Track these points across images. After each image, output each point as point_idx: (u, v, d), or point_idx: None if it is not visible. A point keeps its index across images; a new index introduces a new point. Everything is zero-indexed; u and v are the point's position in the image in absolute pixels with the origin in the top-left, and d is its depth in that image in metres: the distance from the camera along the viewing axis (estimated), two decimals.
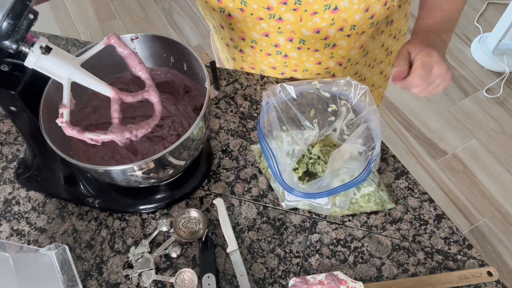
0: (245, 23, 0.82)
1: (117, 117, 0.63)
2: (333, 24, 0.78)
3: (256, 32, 0.83)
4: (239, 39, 0.88)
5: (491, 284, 0.69)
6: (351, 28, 0.80)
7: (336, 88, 0.74)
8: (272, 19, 0.79)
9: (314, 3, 0.74)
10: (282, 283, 0.70)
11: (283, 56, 0.88)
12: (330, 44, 0.84)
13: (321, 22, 0.78)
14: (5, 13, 0.50)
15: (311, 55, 0.87)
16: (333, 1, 0.74)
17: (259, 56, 0.91)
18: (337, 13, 0.76)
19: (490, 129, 1.99)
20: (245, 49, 0.90)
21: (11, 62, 0.62)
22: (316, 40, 0.82)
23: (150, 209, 0.78)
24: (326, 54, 0.87)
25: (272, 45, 0.86)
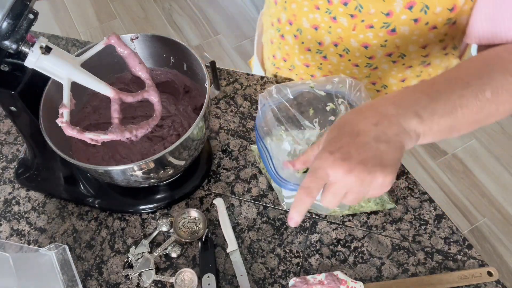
0: (301, 6, 0.77)
1: (117, 117, 0.63)
2: (384, 46, 0.74)
3: (307, 21, 0.78)
4: (286, 22, 0.83)
5: (491, 284, 0.69)
6: (400, 55, 0.76)
7: (331, 86, 0.73)
8: (327, 14, 0.74)
9: (374, 16, 0.70)
10: (282, 283, 0.70)
11: (322, 57, 0.84)
12: (372, 65, 0.81)
13: (373, 39, 0.74)
14: (5, 13, 0.50)
15: (349, 67, 0.83)
16: (393, 22, 0.69)
17: (297, 48, 0.86)
18: (393, 36, 0.72)
19: (490, 129, 1.99)
20: (286, 36, 0.85)
21: (11, 62, 0.62)
22: (361, 55, 0.79)
23: (150, 209, 0.78)
24: (364, 73, 0.84)
25: (316, 41, 0.81)
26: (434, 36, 0.72)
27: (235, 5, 2.54)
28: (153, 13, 2.51)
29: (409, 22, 0.69)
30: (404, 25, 0.70)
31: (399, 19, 0.69)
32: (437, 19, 0.69)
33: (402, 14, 0.69)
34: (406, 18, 0.69)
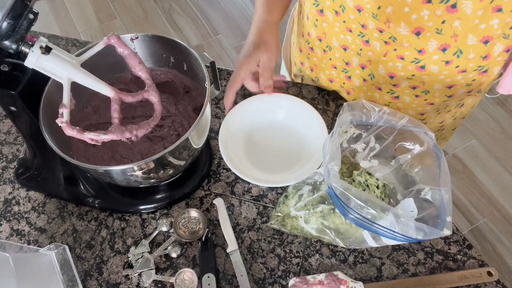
0: (332, 26, 0.78)
1: (117, 117, 0.63)
2: (410, 79, 0.75)
3: (337, 40, 0.79)
4: (316, 37, 0.84)
5: (491, 284, 0.69)
6: (424, 91, 0.77)
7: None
8: (359, 37, 0.74)
9: (406, 49, 0.70)
10: (282, 283, 0.70)
11: (346, 77, 0.85)
12: (394, 93, 0.81)
13: (401, 70, 0.74)
14: (5, 13, 0.50)
15: (371, 90, 0.84)
16: (424, 59, 0.70)
17: (324, 63, 0.87)
18: (421, 73, 0.72)
19: (490, 129, 1.99)
20: (316, 49, 0.86)
21: (11, 62, 0.62)
22: (385, 82, 0.79)
23: (150, 209, 0.78)
24: (385, 99, 0.84)
25: (344, 60, 0.82)
26: (462, 79, 0.72)
27: (235, 5, 2.54)
28: (153, 13, 2.51)
29: (440, 63, 0.70)
30: (435, 64, 0.70)
31: (431, 58, 0.70)
32: (469, 64, 0.69)
33: (435, 54, 0.69)
34: (438, 59, 0.69)
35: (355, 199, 0.59)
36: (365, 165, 0.71)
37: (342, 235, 0.69)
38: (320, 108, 0.89)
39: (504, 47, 0.67)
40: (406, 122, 0.66)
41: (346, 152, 0.74)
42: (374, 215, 0.59)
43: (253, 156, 0.82)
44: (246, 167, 0.78)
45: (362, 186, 0.69)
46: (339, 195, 0.60)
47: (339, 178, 0.61)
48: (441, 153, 0.65)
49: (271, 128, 0.85)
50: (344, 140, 0.72)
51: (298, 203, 0.71)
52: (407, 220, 0.58)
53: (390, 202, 0.70)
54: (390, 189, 0.70)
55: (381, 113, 0.67)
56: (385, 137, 0.70)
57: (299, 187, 0.73)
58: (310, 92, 0.92)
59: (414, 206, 0.64)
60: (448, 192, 0.62)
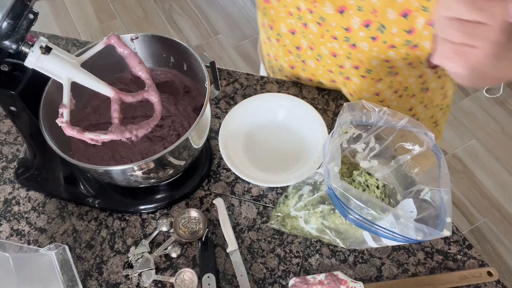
0: (278, 12, 0.79)
1: (117, 117, 0.63)
2: (349, 59, 0.76)
3: (285, 25, 0.81)
4: (268, 26, 0.85)
5: (491, 284, 0.69)
6: (366, 70, 0.77)
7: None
8: (299, 20, 0.77)
9: (336, 29, 0.71)
10: (282, 283, 0.70)
11: (301, 61, 0.87)
12: (344, 74, 0.82)
13: (338, 49, 0.76)
14: (5, 13, 0.50)
15: (326, 72, 0.85)
16: (353, 37, 0.71)
17: (281, 51, 0.88)
18: (355, 50, 0.73)
19: (490, 129, 1.99)
20: (271, 38, 0.88)
21: (11, 62, 0.62)
22: (332, 63, 0.80)
23: (150, 209, 0.78)
24: (340, 81, 0.85)
25: (294, 45, 0.84)
26: (395, 54, 0.73)
27: (235, 5, 2.54)
28: (153, 13, 2.51)
29: (367, 39, 0.71)
30: (363, 41, 0.71)
31: (358, 35, 0.71)
32: (395, 39, 0.69)
33: (360, 31, 0.70)
34: (364, 35, 0.70)
35: (355, 200, 0.59)
36: (365, 165, 0.71)
37: (342, 235, 0.69)
38: (320, 108, 0.89)
39: (425, 20, 0.66)
40: (406, 122, 0.66)
41: (346, 152, 0.74)
42: (374, 216, 0.59)
43: (253, 156, 0.82)
44: (246, 167, 0.78)
45: (362, 186, 0.69)
46: (339, 196, 0.60)
47: (339, 178, 0.61)
48: (441, 154, 0.65)
49: (271, 128, 0.85)
50: (344, 141, 0.72)
51: (298, 203, 0.71)
52: (406, 221, 0.58)
53: (390, 202, 0.70)
54: (390, 189, 0.70)
55: (381, 113, 0.67)
56: (385, 138, 0.70)
57: (299, 187, 0.73)
58: (310, 92, 0.92)
59: (414, 206, 0.64)
60: (447, 193, 0.62)
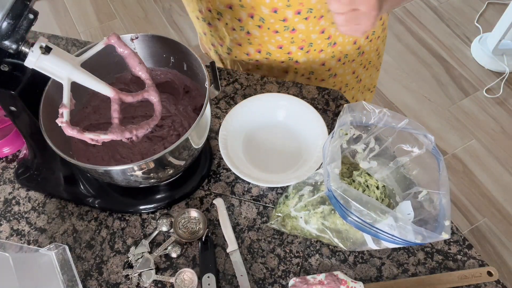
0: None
1: (117, 117, 0.63)
2: (290, 6, 0.79)
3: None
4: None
5: (491, 284, 0.69)
6: (307, 11, 0.81)
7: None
8: None
9: None
10: (282, 283, 0.70)
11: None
12: (289, 28, 0.85)
13: (277, 2, 0.79)
14: (5, 13, 0.50)
15: (272, 36, 0.87)
16: None
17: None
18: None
19: (490, 129, 1.99)
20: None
21: (11, 62, 0.62)
22: (275, 21, 0.83)
23: (150, 209, 0.78)
24: (288, 39, 0.87)
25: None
26: None
27: None
28: (153, 13, 2.51)
29: None
30: None
31: None
32: None
33: None
34: None
35: (354, 203, 0.59)
36: (364, 166, 0.71)
37: (343, 236, 0.69)
38: (320, 108, 0.89)
39: None
40: (405, 124, 0.67)
41: (346, 153, 0.74)
42: (373, 218, 0.59)
43: (253, 156, 0.82)
44: (246, 167, 0.78)
45: (362, 187, 0.69)
46: (338, 198, 0.60)
47: (338, 180, 0.61)
48: (440, 156, 0.65)
49: (271, 128, 0.85)
50: (344, 141, 0.72)
51: (299, 204, 0.71)
52: (405, 223, 0.58)
53: (390, 203, 0.70)
54: (390, 190, 0.70)
55: (381, 114, 0.67)
56: (384, 139, 0.70)
57: (300, 187, 0.73)
58: (310, 92, 0.92)
59: (411, 209, 0.64)
60: (446, 196, 0.62)
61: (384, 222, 0.59)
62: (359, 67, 1.02)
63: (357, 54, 0.97)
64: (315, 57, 0.94)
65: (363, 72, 1.04)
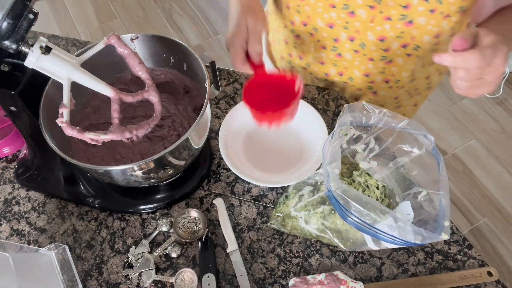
0: (315, 7, 0.79)
1: (117, 117, 0.63)
2: (400, 38, 0.77)
3: (322, 20, 0.81)
4: (300, 23, 0.85)
5: (491, 284, 0.69)
6: (414, 48, 0.79)
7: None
8: (344, 10, 0.77)
9: (392, 8, 0.73)
10: (282, 283, 0.70)
11: (336, 54, 0.87)
12: (387, 58, 0.83)
13: (389, 31, 0.77)
14: (5, 13, 0.50)
15: (364, 62, 0.85)
16: (411, 14, 0.72)
17: (313, 47, 0.89)
18: (409, 27, 0.75)
19: (490, 129, 1.99)
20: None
21: (11, 62, 0.62)
22: (376, 48, 0.81)
23: (150, 209, 0.78)
24: (379, 68, 0.86)
25: (332, 38, 0.84)
26: (447, 24, 0.75)
27: None
28: (153, 13, 2.51)
29: (426, 13, 0.72)
30: (421, 16, 0.73)
31: (417, 10, 0.72)
32: (451, 8, 0.72)
33: (419, 5, 0.72)
34: (423, 10, 0.72)
35: (354, 203, 0.59)
36: (364, 166, 0.71)
37: (343, 236, 0.69)
38: (320, 108, 0.89)
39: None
40: (405, 124, 0.67)
41: (346, 153, 0.74)
42: (373, 218, 0.59)
43: (253, 156, 0.82)
44: (246, 167, 0.78)
45: (362, 187, 0.69)
46: (338, 198, 0.60)
47: (338, 180, 0.61)
48: (440, 157, 0.66)
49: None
50: (344, 142, 0.72)
51: (299, 204, 0.71)
52: (405, 224, 0.58)
53: (390, 203, 0.70)
54: (390, 190, 0.70)
55: (381, 114, 0.67)
56: (384, 139, 0.70)
57: (300, 187, 0.73)
58: (310, 92, 0.92)
59: (411, 209, 0.64)
60: (446, 197, 0.62)
61: (384, 223, 0.59)
62: (420, 99, 1.02)
63: (425, 88, 0.98)
64: (393, 92, 0.92)
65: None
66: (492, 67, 0.58)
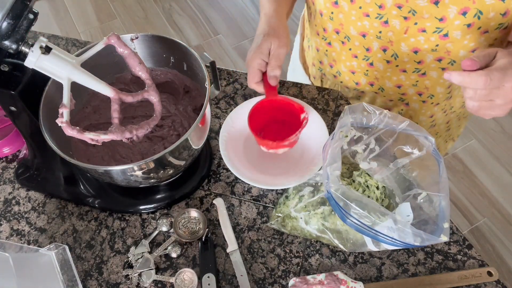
0: (348, 15, 0.78)
1: (117, 117, 0.63)
2: (435, 51, 0.75)
3: (354, 29, 0.80)
4: (333, 31, 0.84)
5: (491, 284, 0.69)
6: (450, 62, 0.77)
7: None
8: (378, 20, 0.75)
9: (427, 20, 0.71)
10: (282, 283, 0.70)
11: (368, 64, 0.85)
12: (420, 71, 0.81)
13: (424, 43, 0.75)
14: (5, 13, 0.50)
15: (396, 74, 0.84)
16: (446, 27, 0.70)
17: (344, 55, 0.87)
18: (445, 41, 0.73)
19: (490, 129, 1.99)
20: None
21: (11, 62, 0.62)
22: (409, 60, 0.79)
23: (150, 209, 0.78)
24: (411, 80, 0.84)
25: (364, 47, 0.82)
26: (485, 40, 0.73)
27: (235, 5, 2.54)
28: (153, 13, 2.51)
29: (462, 27, 0.70)
30: (457, 30, 0.71)
31: (453, 24, 0.70)
32: (490, 24, 0.69)
33: (456, 19, 0.69)
34: (460, 24, 0.70)
35: (353, 205, 0.59)
36: (364, 167, 0.71)
37: (343, 236, 0.69)
38: (320, 108, 0.89)
39: None
40: (406, 125, 0.66)
41: (347, 153, 0.74)
42: (372, 220, 0.59)
43: (253, 157, 0.82)
44: (246, 169, 0.78)
45: (362, 187, 0.69)
46: (337, 200, 0.60)
47: (338, 182, 0.61)
48: (441, 159, 0.65)
49: None
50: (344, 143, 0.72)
51: (299, 204, 0.71)
52: (404, 226, 0.58)
53: (390, 203, 0.70)
54: (390, 190, 0.70)
55: (382, 116, 0.67)
56: (385, 140, 0.70)
57: (300, 188, 0.73)
58: (310, 92, 0.92)
59: (411, 210, 0.64)
60: (445, 199, 0.62)
61: (383, 224, 0.59)
62: (453, 118, 0.97)
63: (460, 106, 0.94)
64: (428, 109, 0.90)
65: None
66: (502, 90, 0.57)
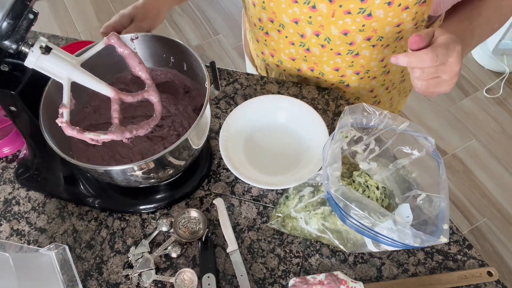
0: (279, 3, 0.80)
1: (117, 117, 0.63)
2: (362, 31, 0.78)
3: (286, 16, 0.81)
4: (267, 20, 0.86)
5: (491, 284, 0.69)
6: (378, 39, 0.80)
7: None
8: (306, 5, 0.77)
9: (351, 2, 0.73)
10: (282, 283, 0.70)
11: (305, 49, 0.87)
12: (353, 52, 0.83)
13: (351, 25, 0.77)
14: (5, 13, 0.50)
15: (332, 57, 0.86)
16: (369, 7, 0.73)
17: (282, 43, 0.89)
18: (369, 20, 0.75)
19: (490, 129, 1.99)
20: (271, 32, 0.88)
21: (11, 62, 0.62)
22: (342, 43, 0.82)
23: (150, 209, 0.78)
24: (347, 62, 0.86)
25: (298, 33, 0.84)
26: (407, 16, 0.76)
27: (235, 5, 2.54)
28: None
29: (383, 5, 0.73)
30: (379, 8, 0.73)
31: (374, 3, 0.72)
32: (408, 0, 0.72)
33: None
34: (380, 2, 0.72)
35: (353, 206, 0.59)
36: (364, 167, 0.71)
37: (343, 236, 0.69)
38: (320, 108, 0.89)
39: None
40: (406, 126, 0.67)
41: (346, 153, 0.74)
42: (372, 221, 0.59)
43: (253, 157, 0.82)
44: (246, 169, 0.78)
45: (362, 187, 0.69)
46: (337, 201, 0.60)
47: (337, 183, 0.61)
48: (441, 159, 0.66)
49: (272, 129, 0.85)
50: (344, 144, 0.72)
51: (299, 204, 0.71)
52: (404, 227, 0.58)
53: (390, 203, 0.70)
54: (390, 191, 0.70)
55: (382, 116, 0.67)
56: (385, 140, 0.70)
57: (300, 188, 0.73)
58: (310, 92, 0.92)
59: (410, 211, 0.64)
60: (445, 200, 0.62)
61: (383, 225, 0.59)
62: (396, 93, 1.03)
63: (399, 81, 0.99)
64: (366, 83, 0.93)
65: (396, 97, 1.04)
66: (447, 66, 0.61)
